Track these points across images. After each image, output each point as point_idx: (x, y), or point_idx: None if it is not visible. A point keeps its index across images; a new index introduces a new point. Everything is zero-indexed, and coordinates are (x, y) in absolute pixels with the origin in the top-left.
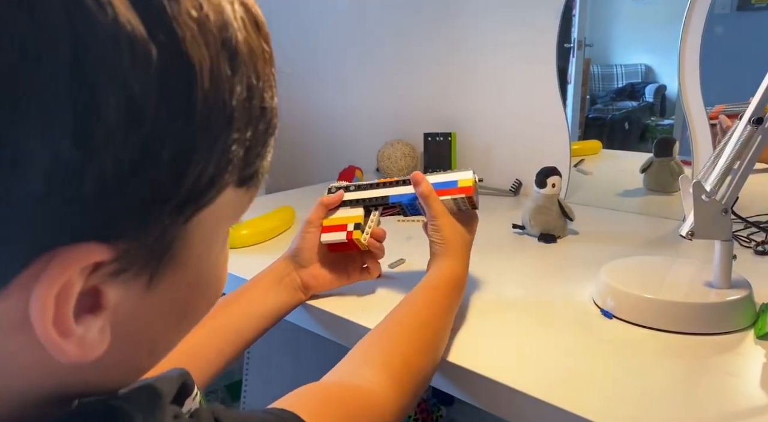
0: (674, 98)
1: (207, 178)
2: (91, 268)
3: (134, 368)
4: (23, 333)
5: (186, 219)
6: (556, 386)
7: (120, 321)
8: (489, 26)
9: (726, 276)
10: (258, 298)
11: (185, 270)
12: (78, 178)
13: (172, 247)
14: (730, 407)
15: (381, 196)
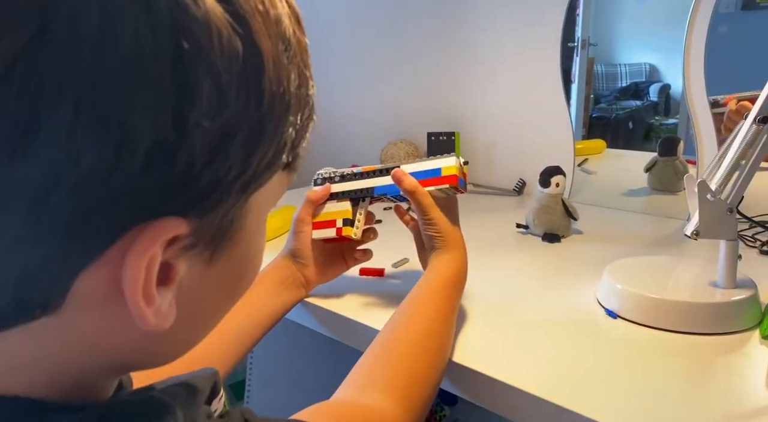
0: (679, 97)
1: (268, 159)
2: (170, 241)
3: (185, 342)
4: (107, 305)
5: (248, 198)
6: (560, 386)
7: (183, 295)
8: (493, 25)
9: (731, 275)
10: (262, 300)
11: (239, 248)
12: (172, 156)
13: (233, 226)
14: (735, 407)
15: (366, 187)
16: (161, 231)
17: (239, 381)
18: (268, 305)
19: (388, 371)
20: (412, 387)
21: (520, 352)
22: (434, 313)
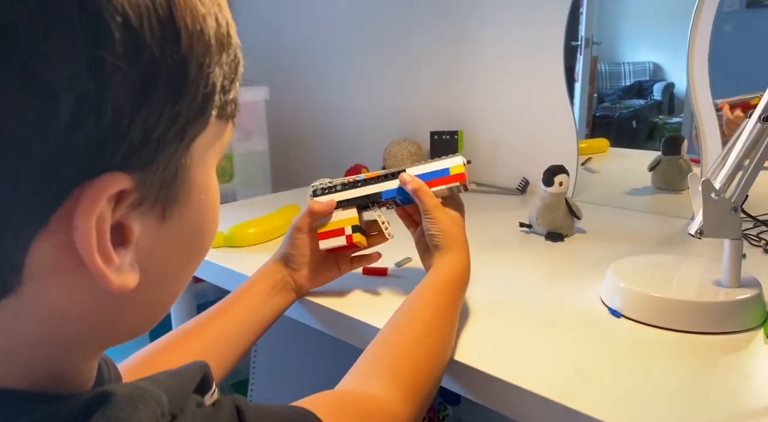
0: (682, 96)
1: (198, 103)
2: (116, 199)
3: (154, 306)
4: (67, 274)
5: (186, 147)
6: (564, 385)
7: (143, 255)
8: (496, 24)
9: (735, 275)
10: (253, 306)
11: (190, 203)
12: (98, 108)
13: (177, 177)
14: (741, 406)
15: (373, 193)
16: (103, 188)
17: (242, 381)
18: (260, 309)
19: (390, 363)
20: (414, 379)
21: (524, 352)
22: (436, 311)
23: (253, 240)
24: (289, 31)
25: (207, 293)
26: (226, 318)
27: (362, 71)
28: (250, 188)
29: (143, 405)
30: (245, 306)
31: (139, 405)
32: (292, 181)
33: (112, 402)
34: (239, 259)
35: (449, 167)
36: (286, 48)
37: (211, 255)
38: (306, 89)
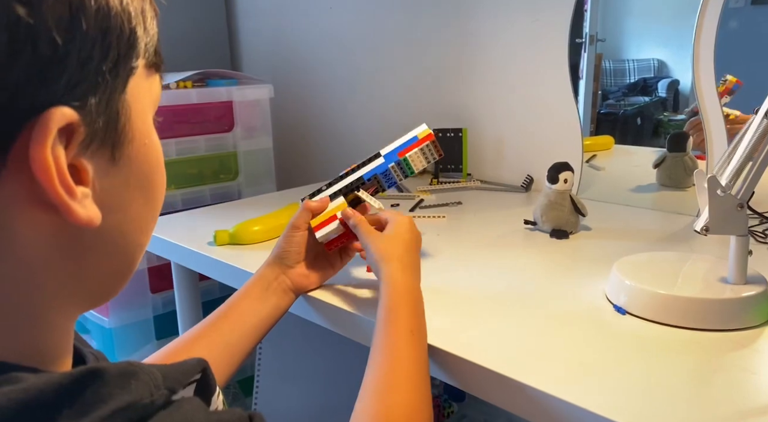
0: (687, 93)
1: (126, 34)
2: (66, 136)
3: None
4: (34, 213)
5: (122, 88)
6: (569, 382)
7: (101, 198)
8: (500, 21)
9: (741, 271)
10: (249, 310)
11: (135, 145)
12: (33, 37)
13: (120, 119)
14: (748, 404)
15: (355, 178)
16: (51, 120)
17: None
18: (258, 312)
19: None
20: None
21: (528, 349)
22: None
23: (258, 238)
24: (294, 29)
25: (213, 291)
26: (223, 324)
27: (366, 69)
28: (254, 186)
29: (135, 380)
30: (239, 310)
31: (130, 381)
32: (296, 179)
33: (104, 379)
34: (244, 257)
35: (417, 134)
36: (291, 46)
37: (217, 253)
38: (310, 87)
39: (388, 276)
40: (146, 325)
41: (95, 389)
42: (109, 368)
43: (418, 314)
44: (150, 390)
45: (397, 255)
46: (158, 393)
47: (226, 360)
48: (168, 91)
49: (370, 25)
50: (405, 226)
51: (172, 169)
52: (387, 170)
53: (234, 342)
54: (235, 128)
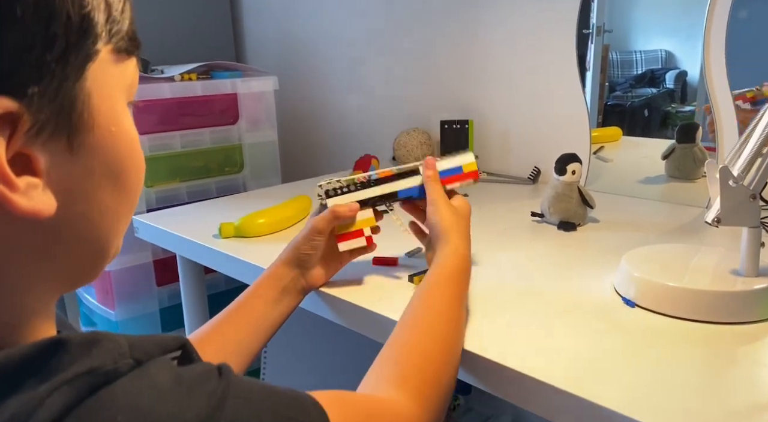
0: (695, 84)
1: (77, 23)
2: (10, 126)
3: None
4: None
5: (77, 75)
6: (577, 375)
7: (59, 188)
8: (507, 12)
9: (754, 263)
10: (263, 312)
11: (98, 133)
12: None
13: (76, 106)
14: (760, 397)
15: (390, 192)
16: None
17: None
18: (271, 314)
19: (398, 368)
20: (423, 382)
21: (536, 341)
22: (439, 310)
23: (263, 231)
24: (299, 21)
25: (218, 283)
26: (236, 324)
27: (372, 60)
28: (259, 179)
29: (97, 348)
30: (253, 311)
31: (92, 348)
32: (301, 171)
33: (66, 348)
34: (249, 250)
35: (462, 165)
36: (296, 38)
37: (222, 246)
38: (315, 79)
39: (454, 245)
40: (152, 318)
41: (59, 357)
42: (73, 337)
43: (466, 288)
44: (114, 357)
45: (462, 228)
46: (123, 362)
47: (237, 360)
48: (173, 84)
49: (376, 16)
50: (467, 206)
51: (177, 161)
52: (422, 197)
53: (245, 341)
54: (240, 120)
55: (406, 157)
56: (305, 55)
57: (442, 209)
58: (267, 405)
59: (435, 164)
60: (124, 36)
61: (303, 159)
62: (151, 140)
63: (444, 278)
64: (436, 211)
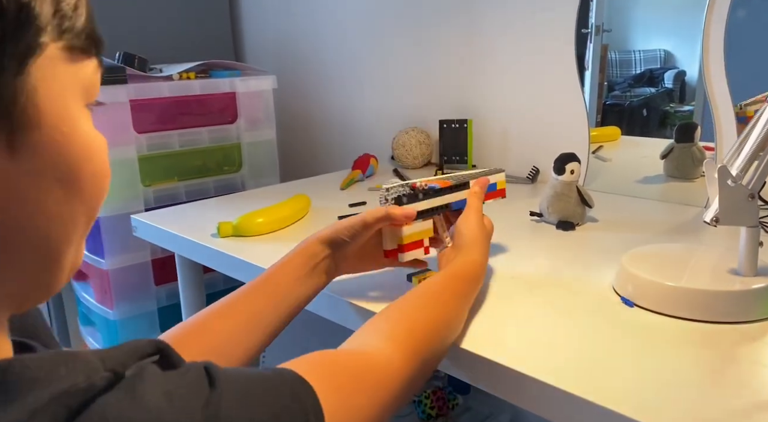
0: (694, 84)
1: (12, 14)
2: None
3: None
4: None
5: (17, 68)
6: (576, 375)
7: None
8: (506, 11)
9: (752, 263)
10: (290, 287)
11: (46, 132)
12: None
13: (18, 102)
14: (759, 396)
15: (445, 203)
16: None
17: None
18: (295, 292)
19: (391, 325)
20: (413, 339)
21: (534, 341)
22: (443, 297)
23: (262, 230)
24: (298, 20)
25: (217, 283)
26: (261, 299)
27: (371, 60)
28: (258, 178)
29: (64, 367)
30: (282, 285)
31: (60, 367)
32: (300, 170)
33: (29, 368)
34: (248, 249)
35: (496, 182)
36: (295, 37)
37: (220, 245)
38: (314, 78)
39: (475, 255)
40: (150, 317)
41: (14, 382)
42: (29, 360)
43: (473, 294)
44: (86, 373)
45: (486, 243)
46: (97, 376)
47: (260, 334)
48: (171, 83)
49: (375, 16)
50: (492, 226)
51: (175, 160)
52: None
53: (270, 316)
54: (238, 120)
55: (405, 156)
56: (304, 55)
57: (475, 220)
58: (260, 400)
59: (487, 184)
60: (79, 34)
61: (301, 158)
62: (149, 139)
63: (458, 277)
64: (469, 221)
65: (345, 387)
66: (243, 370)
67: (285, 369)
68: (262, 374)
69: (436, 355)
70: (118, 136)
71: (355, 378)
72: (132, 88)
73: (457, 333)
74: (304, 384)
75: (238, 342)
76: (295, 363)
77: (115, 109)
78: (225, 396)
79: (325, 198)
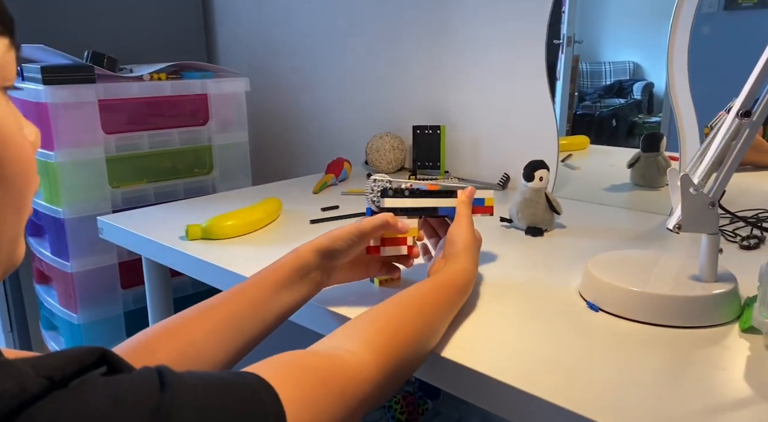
0: (662, 96)
1: None
2: None
3: None
4: None
5: None
6: (543, 378)
7: None
8: (479, 20)
9: (712, 269)
10: (273, 293)
11: None
12: None
13: None
14: (717, 399)
15: (432, 207)
16: None
17: None
18: (279, 299)
19: (368, 329)
20: (388, 345)
21: (502, 345)
22: (428, 301)
23: (231, 233)
24: (272, 22)
25: (185, 287)
26: (240, 302)
27: (344, 65)
28: (229, 181)
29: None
30: (266, 290)
31: None
32: (272, 173)
33: None
34: (217, 252)
35: (484, 198)
36: (268, 40)
37: (188, 248)
38: (287, 81)
39: (465, 263)
40: (116, 321)
41: None
42: None
43: (459, 304)
44: (17, 379)
45: (475, 252)
46: (30, 382)
47: (230, 342)
48: (141, 83)
49: (349, 20)
50: (481, 237)
51: (144, 162)
52: (450, 217)
53: (244, 323)
54: (210, 121)
55: (379, 161)
56: (278, 57)
57: (467, 228)
58: (217, 404)
59: (474, 193)
60: None
61: (274, 161)
62: (118, 140)
63: (445, 286)
64: (461, 229)
65: (311, 392)
66: (202, 374)
67: (248, 373)
68: (222, 377)
69: (413, 363)
70: (85, 136)
71: (322, 383)
72: (101, 87)
73: (437, 341)
74: (267, 388)
75: (213, 345)
76: (261, 366)
77: (82, 108)
78: (178, 401)
79: (298, 201)
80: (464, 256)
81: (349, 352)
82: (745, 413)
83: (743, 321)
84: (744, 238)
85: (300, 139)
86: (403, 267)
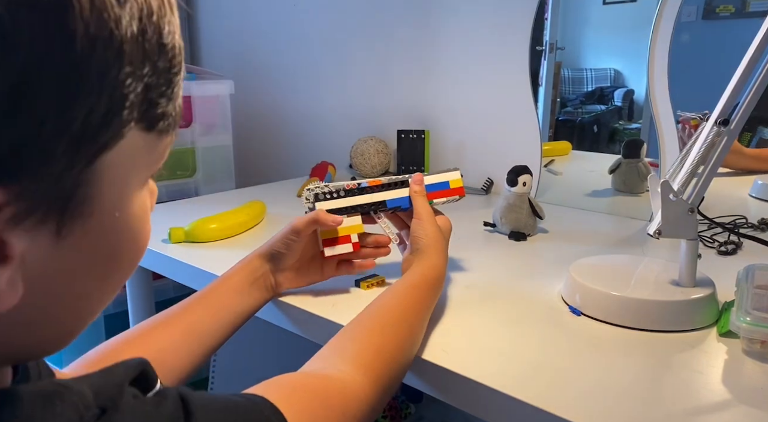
0: (642, 102)
1: (100, 114)
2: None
3: (61, 328)
4: None
5: (88, 162)
6: (524, 382)
7: (33, 273)
8: (463, 26)
9: (691, 274)
10: (230, 299)
11: (98, 219)
12: None
13: (77, 193)
14: (694, 402)
15: (378, 201)
16: None
17: (202, 379)
18: (239, 304)
19: (355, 346)
20: (378, 361)
21: (484, 349)
22: (406, 306)
23: (215, 236)
24: (256, 25)
25: (167, 290)
26: (200, 310)
27: (330, 68)
28: (212, 183)
29: (60, 401)
30: (220, 300)
31: (55, 401)
32: (256, 176)
33: (23, 401)
34: (200, 255)
35: (449, 181)
36: (253, 42)
37: (171, 251)
38: (272, 84)
39: (433, 260)
40: (96, 325)
41: (12, 411)
42: (29, 389)
43: (434, 301)
44: (79, 412)
45: (442, 246)
46: (89, 414)
47: (200, 349)
48: None
49: (334, 24)
50: (449, 225)
51: None
52: (410, 208)
53: (210, 331)
54: (193, 124)
55: (363, 165)
56: (262, 60)
57: (427, 224)
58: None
59: (422, 179)
60: (165, 113)
61: (258, 164)
62: None
63: (418, 287)
64: (421, 226)
65: (315, 413)
66: (215, 397)
67: (256, 396)
68: (234, 401)
69: (400, 373)
70: None
71: (324, 403)
72: None
73: (419, 344)
74: (276, 412)
75: (177, 352)
76: (265, 388)
77: None
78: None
79: (282, 205)
80: (431, 251)
81: (343, 373)
82: (722, 415)
83: (721, 325)
84: (722, 244)
85: (284, 142)
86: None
